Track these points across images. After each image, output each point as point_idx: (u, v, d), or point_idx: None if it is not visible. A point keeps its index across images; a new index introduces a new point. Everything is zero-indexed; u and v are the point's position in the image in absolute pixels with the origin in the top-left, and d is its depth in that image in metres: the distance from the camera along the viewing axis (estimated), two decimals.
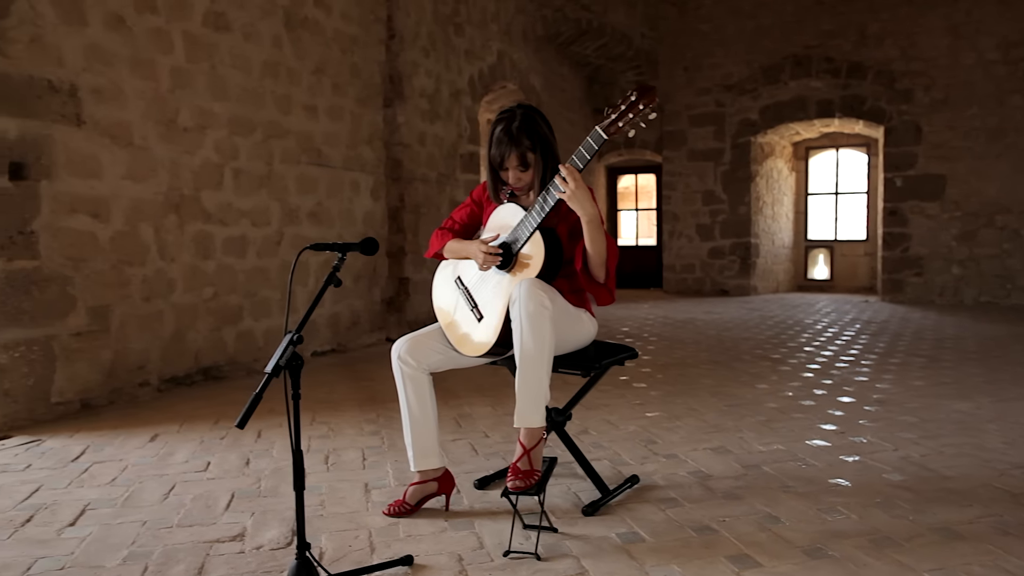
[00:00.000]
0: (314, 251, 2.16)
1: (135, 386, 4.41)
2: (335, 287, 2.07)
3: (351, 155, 6.34)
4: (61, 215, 3.99)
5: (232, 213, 5.10)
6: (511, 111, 2.50)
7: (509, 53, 9.29)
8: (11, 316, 3.75)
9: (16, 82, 3.79)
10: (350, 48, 6.32)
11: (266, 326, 5.41)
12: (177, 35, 4.69)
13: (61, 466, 3.19)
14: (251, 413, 1.85)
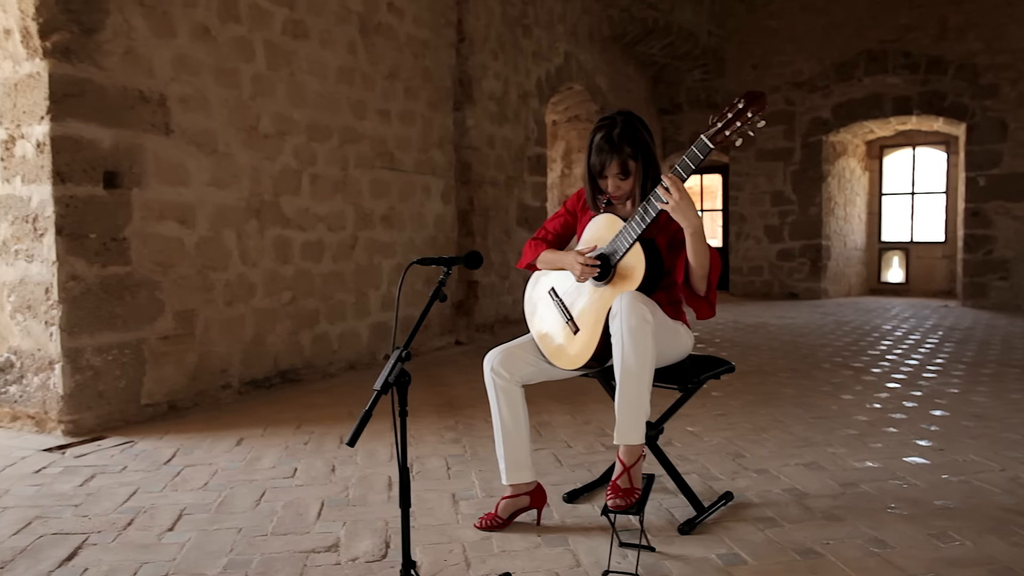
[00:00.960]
0: (421, 265, 2.14)
1: (218, 388, 4.50)
2: (440, 302, 2.05)
3: (422, 159, 6.37)
4: (150, 222, 4.09)
5: (309, 218, 5.16)
6: (611, 118, 2.45)
7: (575, 54, 9.22)
8: (105, 320, 3.86)
9: (110, 93, 3.90)
10: (422, 52, 6.34)
11: (341, 329, 5.46)
12: (258, 43, 4.77)
13: (154, 469, 3.26)
14: (361, 431, 1.84)
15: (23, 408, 3.84)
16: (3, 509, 2.78)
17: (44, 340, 3.73)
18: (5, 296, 3.84)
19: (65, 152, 3.69)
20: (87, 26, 3.79)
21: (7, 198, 3.79)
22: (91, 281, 3.80)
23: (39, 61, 3.66)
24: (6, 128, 3.77)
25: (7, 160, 3.78)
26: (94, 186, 3.82)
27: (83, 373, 3.77)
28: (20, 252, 3.77)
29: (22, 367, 3.82)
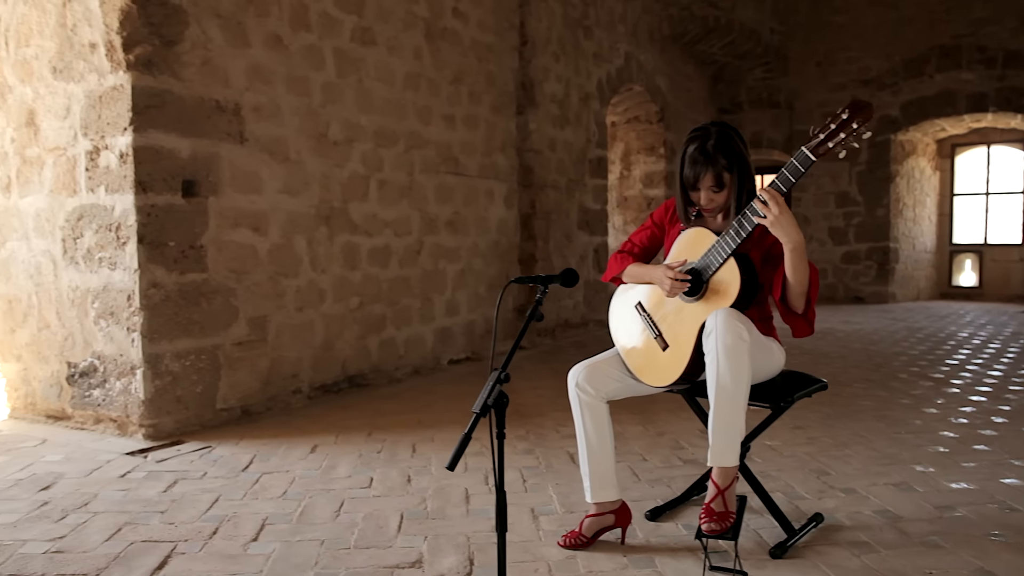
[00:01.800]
0: (518, 284, 2.10)
1: (288, 393, 4.54)
2: (537, 321, 2.01)
3: (486, 163, 6.35)
4: (226, 229, 4.15)
5: (376, 224, 5.19)
6: (705, 129, 2.37)
7: (636, 55, 9.11)
8: (183, 326, 3.93)
9: (188, 104, 3.96)
10: (485, 56, 6.32)
11: (407, 334, 5.48)
12: (328, 51, 4.80)
13: (233, 475, 3.30)
14: (461, 454, 1.81)
15: (106, 411, 3.93)
16: (94, 514, 2.84)
17: (126, 346, 3.81)
18: (89, 302, 3.94)
19: (146, 162, 3.77)
20: (167, 38, 3.86)
21: (92, 207, 3.89)
22: (170, 288, 3.87)
23: (123, 74, 3.74)
24: (91, 139, 3.86)
25: (92, 171, 3.87)
26: (173, 195, 3.89)
27: (162, 378, 3.84)
28: (103, 260, 3.86)
29: (105, 372, 3.91)
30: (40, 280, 4.13)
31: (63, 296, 4.04)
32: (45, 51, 4.02)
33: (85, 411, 4.02)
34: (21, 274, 4.21)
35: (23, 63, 4.12)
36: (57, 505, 2.93)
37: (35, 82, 4.08)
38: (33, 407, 4.24)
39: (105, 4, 3.75)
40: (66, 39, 3.94)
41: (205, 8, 4.04)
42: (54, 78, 4.00)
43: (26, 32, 4.10)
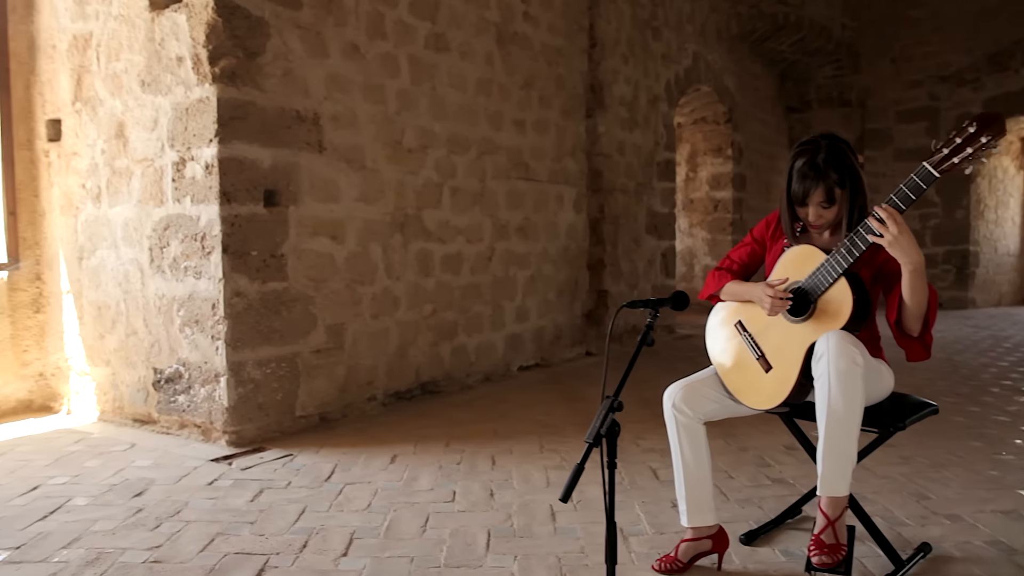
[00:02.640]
0: (629, 308, 2.04)
1: (364, 401, 4.57)
2: (648, 346, 1.95)
3: (556, 168, 6.30)
4: (305, 238, 4.19)
5: (449, 230, 5.18)
6: (814, 141, 2.27)
7: (704, 54, 8.93)
8: (264, 335, 3.98)
9: (270, 114, 4.01)
10: (555, 60, 6.27)
11: (478, 341, 5.46)
12: (403, 59, 4.81)
13: (317, 486, 3.31)
14: (574, 486, 1.76)
15: (190, 417, 4.01)
16: (186, 523, 2.88)
17: (210, 353, 3.87)
18: (175, 310, 4.02)
19: (231, 173, 3.82)
20: (250, 50, 3.91)
21: (178, 217, 3.96)
22: (252, 297, 3.92)
23: (208, 86, 3.80)
24: (177, 151, 3.94)
25: (178, 181, 3.95)
26: (255, 205, 3.94)
27: (245, 386, 3.89)
28: (189, 269, 3.93)
29: (190, 378, 3.99)
30: (128, 288, 4.23)
31: (150, 304, 4.13)
32: (134, 65, 4.12)
33: (170, 416, 4.10)
34: (110, 281, 4.33)
35: (113, 77, 4.23)
36: (151, 513, 2.99)
37: (124, 95, 4.18)
38: (121, 411, 4.35)
39: (192, 19, 3.82)
40: (154, 53, 4.02)
41: (286, 20, 4.08)
42: (142, 91, 4.09)
43: (116, 47, 4.20)
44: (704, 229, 10.17)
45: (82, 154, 4.42)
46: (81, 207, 4.45)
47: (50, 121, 4.59)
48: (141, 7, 4.07)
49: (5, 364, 4.60)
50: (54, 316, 4.68)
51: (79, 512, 3.00)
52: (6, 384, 4.61)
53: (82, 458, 3.73)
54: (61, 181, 4.56)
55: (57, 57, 4.52)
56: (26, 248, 4.68)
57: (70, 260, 4.54)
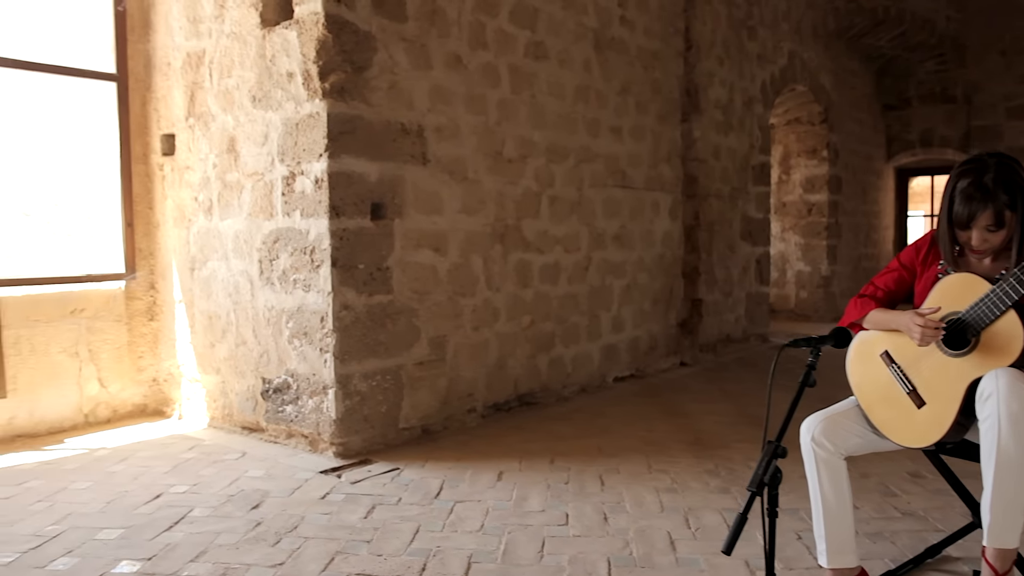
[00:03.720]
0: (792, 347, 1.93)
1: (464, 412, 4.56)
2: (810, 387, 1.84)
3: (652, 175, 6.17)
4: (409, 250, 4.20)
5: (548, 240, 5.13)
6: (980, 160, 2.10)
7: (799, 53, 8.62)
8: (370, 347, 4.00)
9: (376, 128, 4.03)
10: (651, 64, 6.14)
11: (574, 352, 5.39)
12: (503, 68, 4.78)
13: (427, 503, 3.30)
14: (737, 537, 1.66)
15: (298, 427, 4.07)
16: (305, 539, 2.91)
17: (319, 366, 3.92)
18: (283, 322, 4.08)
19: (339, 187, 3.86)
20: (358, 64, 3.93)
21: (288, 231, 4.03)
22: (359, 310, 3.95)
23: (318, 101, 3.84)
24: (287, 165, 4.00)
25: (288, 195, 4.01)
26: (363, 218, 3.96)
27: (352, 398, 3.93)
28: (298, 282, 3.99)
29: (298, 389, 4.05)
30: (238, 299, 4.33)
31: (259, 315, 4.21)
32: (245, 81, 4.21)
33: (278, 425, 4.18)
34: (220, 292, 4.44)
35: (225, 93, 4.33)
36: (270, 527, 3.03)
37: (236, 111, 4.28)
38: (230, 418, 4.46)
39: (303, 35, 3.87)
40: (265, 69, 4.10)
41: (392, 33, 4.09)
42: (253, 107, 4.18)
43: (228, 64, 4.30)
44: (797, 233, 9.83)
45: (195, 168, 4.55)
46: (193, 219, 4.58)
47: (164, 136, 4.74)
48: (252, 24, 4.15)
49: (122, 370, 4.78)
50: (167, 324, 4.83)
51: (201, 523, 3.07)
52: (123, 389, 4.80)
53: (197, 466, 3.83)
54: (174, 194, 4.70)
55: (171, 74, 4.66)
56: (141, 259, 4.85)
57: (182, 270, 4.68)
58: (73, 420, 4.58)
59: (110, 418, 4.73)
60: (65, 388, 4.54)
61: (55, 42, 4.68)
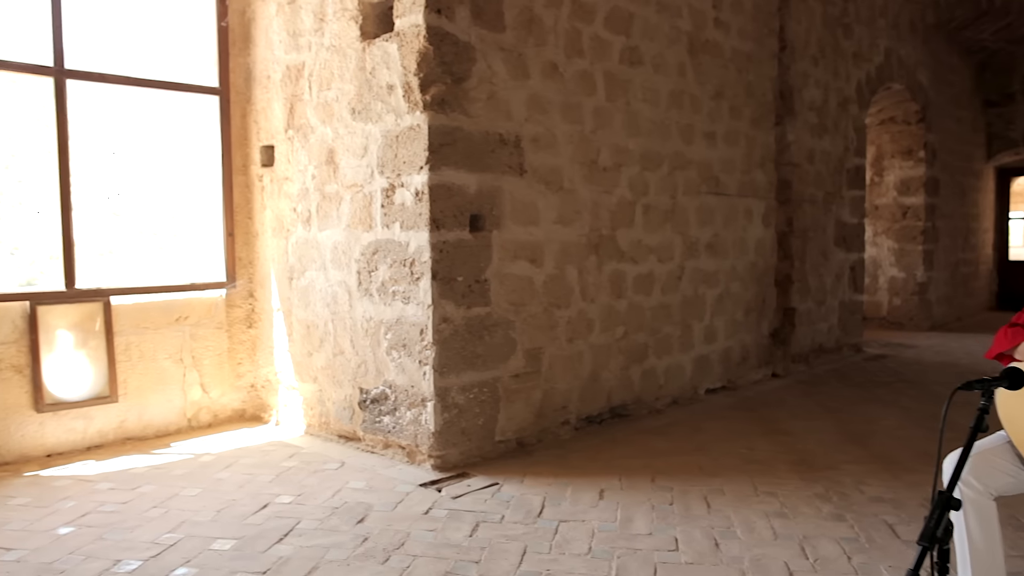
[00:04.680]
0: (965, 390, 1.80)
1: (558, 425, 4.50)
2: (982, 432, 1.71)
3: (745, 180, 5.99)
4: (506, 262, 4.17)
5: (641, 250, 5.03)
6: None
7: (896, 49, 8.26)
8: (468, 360, 3.99)
9: (476, 139, 4.01)
10: (745, 66, 5.96)
11: (667, 363, 5.28)
12: (599, 75, 4.70)
13: (530, 521, 3.26)
14: None
15: (395, 438, 4.08)
16: (413, 557, 2.90)
17: (417, 378, 3.93)
18: (382, 333, 4.11)
19: (440, 200, 3.85)
20: (457, 75, 3.92)
21: (386, 243, 4.05)
22: (458, 323, 3.94)
23: (419, 114, 3.84)
24: (387, 177, 4.02)
25: (387, 207, 4.03)
26: (462, 231, 3.95)
27: (450, 411, 3.92)
28: (397, 294, 4.00)
29: (396, 400, 4.06)
30: (336, 309, 4.38)
31: (357, 325, 4.25)
32: (344, 94, 4.25)
33: (375, 436, 4.20)
34: (318, 302, 4.50)
35: (324, 105, 4.38)
36: (377, 543, 3.03)
37: (335, 123, 4.32)
38: (327, 426, 4.52)
39: (404, 47, 3.87)
40: (365, 82, 4.12)
41: (490, 43, 4.06)
42: (352, 119, 4.21)
43: (327, 76, 4.35)
44: (891, 238, 9.43)
45: (293, 179, 4.62)
46: (292, 230, 4.66)
47: (264, 147, 4.84)
48: (352, 38, 4.18)
49: (223, 376, 4.90)
50: (265, 332, 4.93)
51: (310, 537, 3.10)
52: (224, 395, 4.92)
53: (299, 475, 3.88)
54: (273, 204, 4.79)
55: (271, 87, 4.74)
56: (240, 268, 4.96)
57: (280, 280, 4.76)
58: (177, 424, 4.71)
59: (211, 422, 4.86)
60: (170, 393, 4.68)
61: (160, 58, 4.82)
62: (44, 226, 4.39)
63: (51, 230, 4.30)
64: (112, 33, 4.69)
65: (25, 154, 4.47)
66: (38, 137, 4.45)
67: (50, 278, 4.44)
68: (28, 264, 4.46)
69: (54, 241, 4.29)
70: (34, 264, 4.45)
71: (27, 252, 4.45)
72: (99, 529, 3.20)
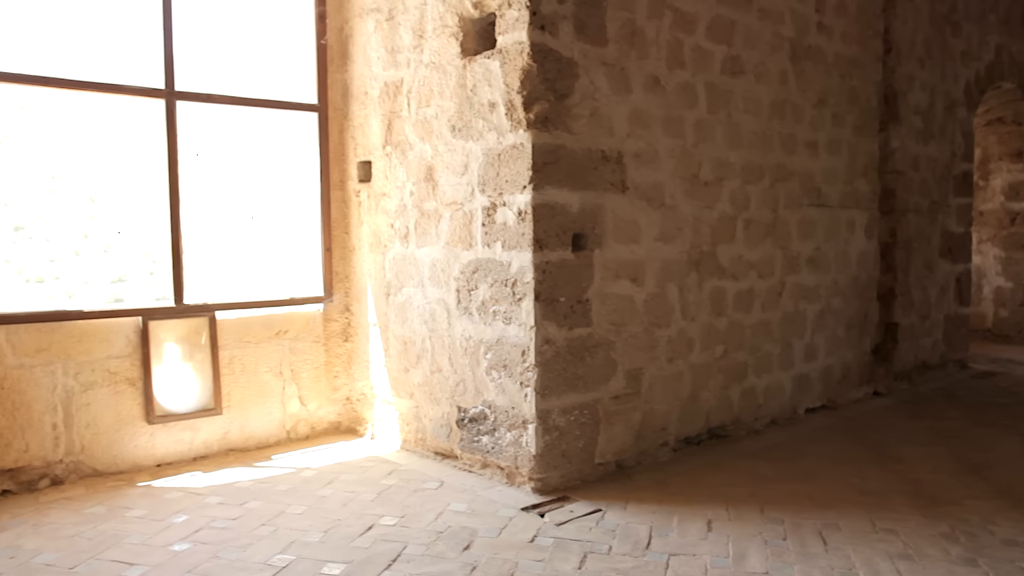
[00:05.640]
0: None
1: (657, 447, 4.40)
2: None
3: (847, 191, 5.75)
4: (608, 282, 4.08)
5: (742, 266, 4.87)
6: None
7: (1008, 46, 7.80)
8: (569, 382, 3.92)
9: (578, 157, 3.94)
10: (848, 71, 5.71)
11: (767, 382, 5.10)
12: (700, 87, 4.56)
13: (639, 554, 3.17)
14: None
15: (494, 459, 4.05)
16: None
17: (518, 399, 3.88)
18: (481, 353, 4.08)
19: (543, 219, 3.79)
20: (560, 92, 3.85)
21: (487, 262, 4.01)
22: (560, 344, 3.87)
23: (522, 132, 3.79)
24: (488, 196, 3.98)
25: (488, 226, 4.00)
26: (564, 250, 3.88)
27: (551, 433, 3.86)
28: (498, 314, 3.97)
29: (495, 421, 4.03)
30: (434, 326, 4.37)
31: (456, 343, 4.23)
32: (444, 111, 4.23)
33: (473, 455, 4.18)
34: (416, 318, 4.50)
35: (423, 122, 4.38)
36: (486, 573, 2.99)
37: (434, 140, 4.31)
38: (423, 443, 4.52)
39: (506, 65, 3.83)
40: (465, 99, 4.10)
41: (593, 58, 3.98)
42: (452, 136, 4.19)
43: (427, 93, 4.34)
44: (997, 246, 8.94)
45: (391, 195, 4.64)
46: (389, 245, 4.68)
47: (361, 163, 4.87)
48: (452, 54, 4.16)
49: (320, 389, 4.97)
50: (360, 345, 4.98)
51: (418, 563, 3.08)
52: (320, 407, 4.99)
53: (400, 494, 3.89)
54: (370, 220, 4.82)
55: (368, 103, 4.77)
56: (337, 282, 5.01)
57: (377, 295, 4.79)
58: (277, 436, 4.80)
59: (308, 434, 4.93)
60: (270, 406, 4.77)
61: (260, 76, 4.91)
62: (154, 242, 4.53)
63: (161, 246, 4.42)
64: (216, 53, 4.80)
65: (135, 174, 4.62)
66: (146, 157, 4.59)
67: (159, 292, 4.58)
68: (138, 279, 4.62)
69: (163, 257, 4.41)
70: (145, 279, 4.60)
71: (138, 267, 4.60)
72: (213, 547, 3.26)
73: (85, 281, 4.50)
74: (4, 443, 3.96)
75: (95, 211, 5.58)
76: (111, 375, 4.23)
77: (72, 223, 5.34)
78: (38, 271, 4.76)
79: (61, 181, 4.63)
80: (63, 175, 4.50)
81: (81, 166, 4.59)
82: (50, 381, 4.07)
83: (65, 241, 4.95)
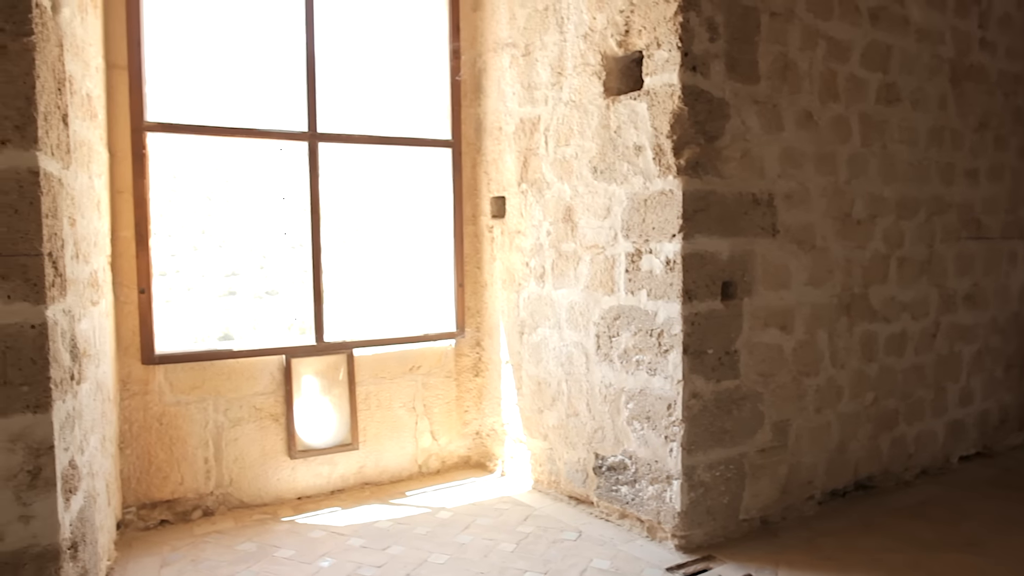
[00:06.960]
0: None
1: (802, 501, 4.19)
2: None
3: (1009, 220, 5.32)
4: (756, 331, 3.90)
5: (894, 307, 4.57)
6: None
7: None
8: (716, 436, 3.77)
9: (728, 202, 3.77)
10: (1013, 90, 5.27)
11: (918, 430, 4.78)
12: (854, 119, 4.29)
13: None
14: None
15: (633, 511, 3.95)
16: None
17: (662, 453, 3.76)
18: (622, 402, 3.97)
19: (692, 269, 3.65)
20: (710, 135, 3.69)
21: (630, 309, 3.90)
22: (707, 398, 3.73)
23: (672, 178, 3.65)
24: (632, 242, 3.87)
25: (632, 273, 3.88)
26: (713, 300, 3.73)
27: (696, 490, 3.72)
28: (641, 363, 3.85)
29: (636, 472, 3.92)
30: (571, 369, 4.30)
31: (594, 389, 4.15)
32: (585, 151, 4.14)
33: (610, 504, 4.09)
34: (551, 360, 4.44)
35: (562, 161, 4.30)
36: None
37: (574, 180, 4.22)
38: (556, 485, 4.46)
39: (654, 107, 3.70)
40: (608, 140, 3.99)
41: (744, 97, 3.80)
42: (594, 178, 4.09)
43: (566, 132, 4.26)
44: None
45: (526, 233, 4.59)
46: (524, 284, 4.63)
47: (494, 199, 4.84)
48: (595, 94, 4.06)
49: (451, 423, 4.99)
50: (491, 381, 4.96)
51: None
52: (451, 441, 5.01)
53: (539, 545, 3.84)
54: (504, 256, 4.79)
55: (503, 138, 4.73)
56: (468, 317, 5.01)
57: (510, 333, 4.76)
58: (409, 470, 4.85)
59: (439, 469, 4.96)
60: (403, 440, 4.82)
61: (393, 113, 4.95)
62: (296, 281, 4.63)
63: (303, 285, 4.53)
64: (353, 91, 4.87)
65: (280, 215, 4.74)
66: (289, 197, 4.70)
67: (299, 330, 4.69)
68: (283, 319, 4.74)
69: (305, 296, 4.51)
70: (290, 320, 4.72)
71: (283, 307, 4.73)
72: None
73: (233, 320, 4.77)
74: (163, 476, 4.14)
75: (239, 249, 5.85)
76: (257, 411, 4.36)
77: (220, 262, 5.63)
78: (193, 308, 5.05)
79: (212, 222, 4.89)
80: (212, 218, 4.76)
81: (228, 208, 4.84)
82: (202, 417, 4.23)
83: (214, 280, 5.23)
